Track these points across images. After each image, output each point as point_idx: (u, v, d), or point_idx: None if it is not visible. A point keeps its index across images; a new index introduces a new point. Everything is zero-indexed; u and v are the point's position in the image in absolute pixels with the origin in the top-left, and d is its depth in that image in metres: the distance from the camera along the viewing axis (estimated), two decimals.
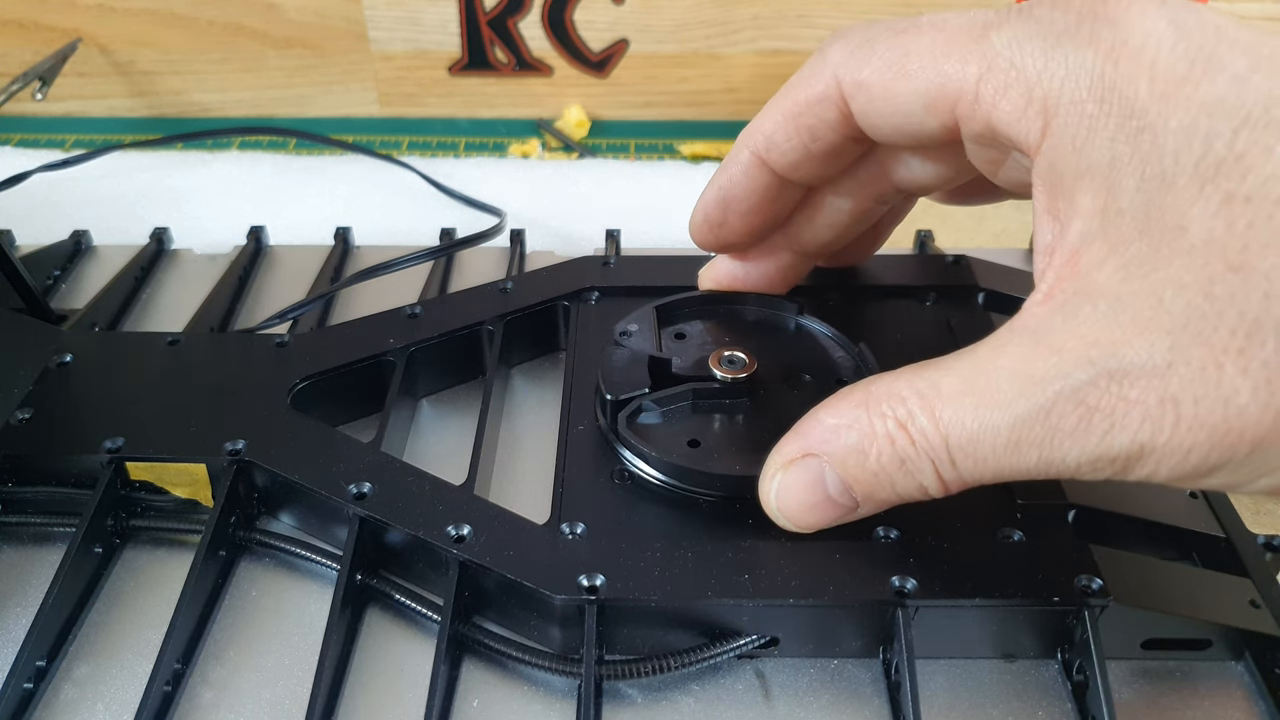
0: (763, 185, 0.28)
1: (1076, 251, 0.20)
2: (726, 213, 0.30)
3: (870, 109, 0.25)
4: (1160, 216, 0.19)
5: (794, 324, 0.33)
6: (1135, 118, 0.19)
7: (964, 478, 0.22)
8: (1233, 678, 0.27)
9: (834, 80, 0.25)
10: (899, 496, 0.23)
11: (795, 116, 0.26)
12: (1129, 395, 0.19)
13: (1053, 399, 0.20)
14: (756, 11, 0.57)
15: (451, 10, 0.58)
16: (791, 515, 0.25)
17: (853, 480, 0.23)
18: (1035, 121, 0.21)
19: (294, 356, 0.33)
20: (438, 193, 0.50)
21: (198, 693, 0.27)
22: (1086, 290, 0.20)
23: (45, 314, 0.37)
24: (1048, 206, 0.22)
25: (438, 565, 0.27)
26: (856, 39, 0.25)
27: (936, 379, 0.22)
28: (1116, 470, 0.20)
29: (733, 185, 0.29)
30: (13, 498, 0.30)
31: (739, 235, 0.30)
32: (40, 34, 0.59)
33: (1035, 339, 0.21)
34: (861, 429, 0.23)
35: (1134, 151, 0.19)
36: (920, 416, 0.22)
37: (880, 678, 0.27)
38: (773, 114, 0.27)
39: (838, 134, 0.26)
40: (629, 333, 0.32)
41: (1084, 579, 0.25)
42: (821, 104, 0.26)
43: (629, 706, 0.26)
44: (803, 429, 0.24)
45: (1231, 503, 0.29)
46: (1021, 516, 0.27)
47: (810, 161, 0.27)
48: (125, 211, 0.48)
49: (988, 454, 0.21)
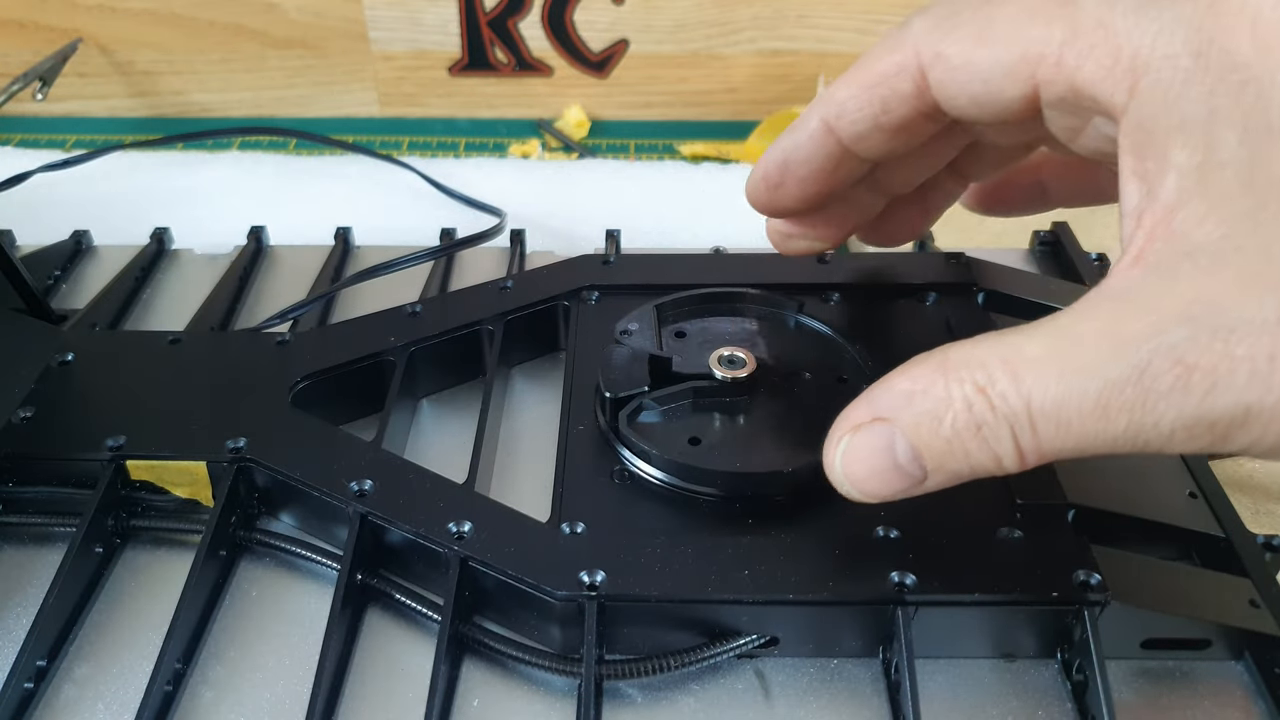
0: (826, 153, 0.28)
1: (1171, 210, 0.20)
2: (786, 175, 0.29)
3: (948, 79, 0.24)
4: (1268, 169, 0.18)
5: (794, 322, 0.33)
6: (1237, 71, 0.19)
7: (1044, 447, 0.21)
8: (1233, 678, 0.27)
9: (913, 51, 0.25)
10: (971, 468, 0.22)
11: (870, 87, 0.26)
12: (1235, 352, 0.18)
13: (1148, 358, 0.19)
14: (756, 11, 0.57)
15: (451, 10, 0.58)
16: (857, 481, 0.23)
17: (925, 447, 0.22)
18: (1123, 80, 0.20)
19: (295, 355, 0.33)
20: (438, 193, 0.50)
21: (198, 692, 0.27)
22: (1185, 249, 0.19)
23: (46, 314, 0.37)
24: (1135, 168, 0.21)
25: (438, 565, 0.27)
26: (941, 12, 0.24)
27: (1020, 344, 0.21)
28: (1216, 438, 0.19)
29: (796, 149, 0.28)
30: (13, 497, 0.30)
31: (794, 200, 0.30)
32: (40, 34, 0.59)
33: (1126, 301, 0.20)
34: (937, 394, 0.22)
35: (1236, 104, 0.19)
36: (1002, 380, 0.20)
37: (880, 677, 0.27)
38: (847, 83, 0.26)
39: (910, 107, 0.26)
40: (629, 331, 0.32)
41: (1083, 574, 0.25)
42: (898, 75, 0.25)
43: (629, 706, 0.26)
44: (873, 394, 0.23)
45: (1231, 503, 0.29)
46: (1021, 515, 0.27)
47: (878, 134, 0.27)
48: (126, 211, 0.48)
49: (1073, 419, 0.20)
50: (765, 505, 0.28)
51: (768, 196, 0.30)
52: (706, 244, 0.41)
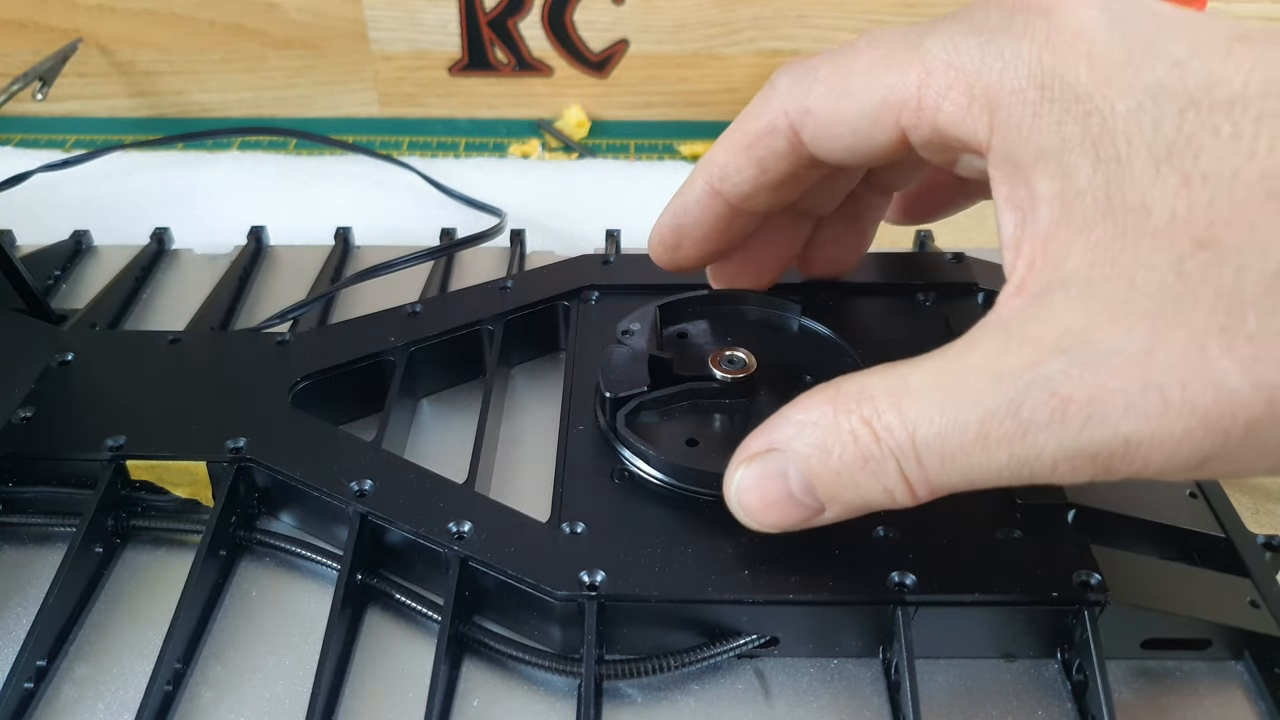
0: (715, 214, 0.29)
1: (1044, 239, 0.20)
2: (681, 238, 0.30)
3: (820, 134, 0.25)
4: (1121, 197, 0.19)
5: (796, 324, 0.33)
6: (1080, 101, 0.19)
7: (931, 480, 0.21)
8: (1233, 678, 0.27)
9: (781, 110, 0.25)
10: (864, 500, 0.22)
11: (746, 148, 0.27)
12: (1108, 384, 0.18)
13: (1024, 390, 0.19)
14: (756, 11, 0.57)
15: (451, 10, 0.58)
16: (751, 511, 0.24)
17: (816, 479, 0.22)
18: (980, 117, 0.21)
19: (295, 355, 0.33)
20: (438, 193, 0.50)
21: (198, 692, 0.27)
22: (1059, 278, 0.19)
23: (46, 314, 0.37)
24: (1008, 197, 0.21)
25: (438, 565, 0.27)
26: (799, 70, 0.25)
27: (906, 375, 0.21)
28: (1099, 468, 0.19)
29: (685, 213, 0.29)
30: (13, 498, 0.30)
31: (693, 259, 0.31)
32: (40, 34, 0.59)
33: (1007, 332, 0.20)
34: (826, 425, 0.22)
35: (1084, 132, 0.19)
36: (886, 412, 0.21)
37: (880, 677, 0.27)
38: (725, 145, 0.27)
39: (788, 163, 0.26)
40: (630, 331, 0.32)
41: (1083, 574, 0.26)
42: (770, 135, 0.26)
43: (629, 706, 0.26)
44: (770, 424, 0.24)
45: (1231, 503, 0.29)
46: (1021, 515, 0.27)
47: (762, 192, 0.28)
48: (125, 211, 0.48)
49: (955, 452, 0.20)
50: None
51: (668, 258, 0.31)
52: None
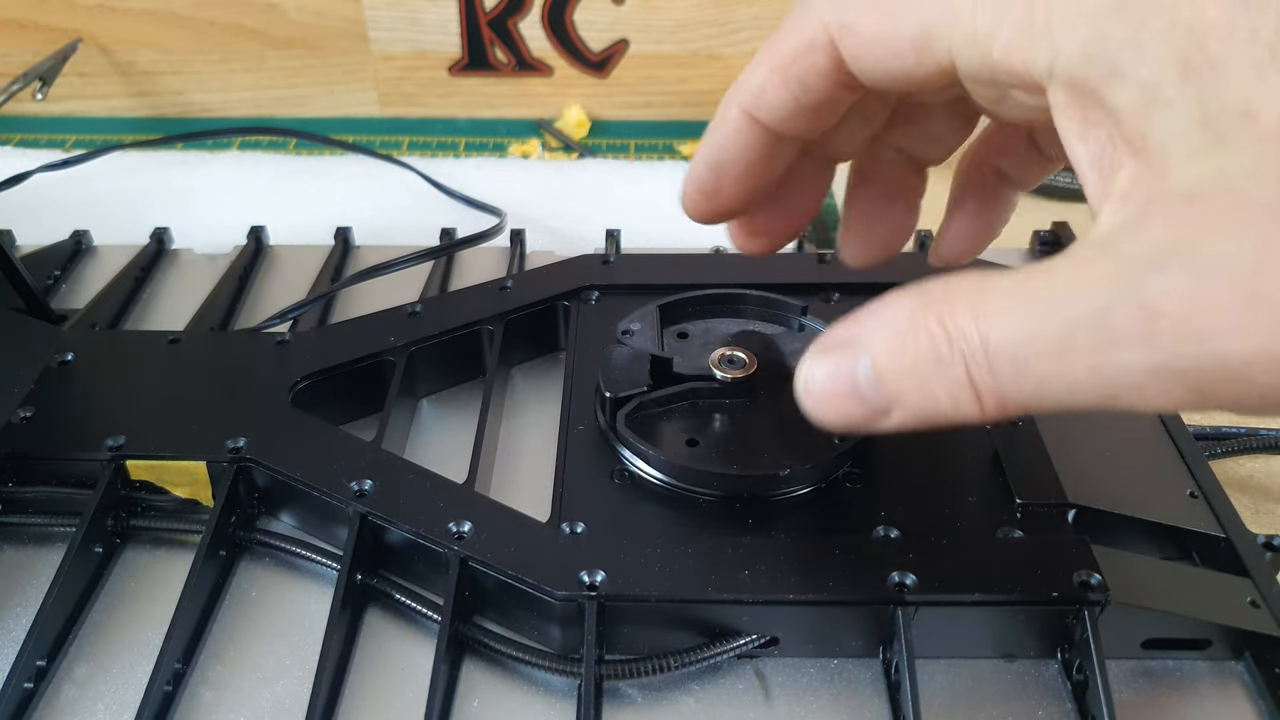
0: (755, 144, 0.26)
1: (1134, 155, 0.19)
2: (720, 178, 0.27)
3: (862, 53, 0.23)
4: (1220, 104, 0.17)
5: (797, 324, 0.33)
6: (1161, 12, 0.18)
7: (1003, 389, 0.19)
8: (1233, 678, 0.27)
9: (821, 26, 0.24)
10: (931, 406, 0.21)
11: (784, 68, 0.25)
12: (1210, 296, 0.16)
13: (1113, 300, 0.17)
14: (756, 11, 0.57)
15: (451, 10, 0.58)
16: (817, 404, 0.22)
17: (884, 376, 0.21)
18: (1042, 42, 0.19)
19: (295, 355, 0.33)
20: (438, 193, 0.50)
21: (198, 692, 0.27)
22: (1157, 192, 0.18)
23: (45, 314, 0.37)
24: (1082, 120, 0.20)
25: (438, 565, 0.27)
26: None
27: (994, 279, 0.20)
28: (1192, 390, 0.17)
29: (724, 148, 0.27)
30: (13, 498, 0.30)
31: (736, 201, 0.28)
32: (40, 34, 0.59)
33: (1102, 244, 0.19)
34: (903, 323, 0.21)
35: (1166, 42, 0.18)
36: (963, 315, 0.19)
37: (880, 678, 0.27)
38: (760, 68, 0.25)
39: (829, 82, 0.24)
40: (631, 331, 0.32)
41: (1083, 574, 0.26)
42: (811, 52, 0.24)
43: (629, 706, 0.26)
44: (854, 317, 0.22)
45: (1231, 503, 0.29)
46: (1021, 515, 0.27)
47: (802, 114, 0.25)
48: (125, 211, 0.48)
49: (1030, 359, 0.18)
50: (765, 505, 0.28)
51: (708, 205, 0.28)
52: (706, 244, 0.41)
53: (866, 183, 0.30)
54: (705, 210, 0.28)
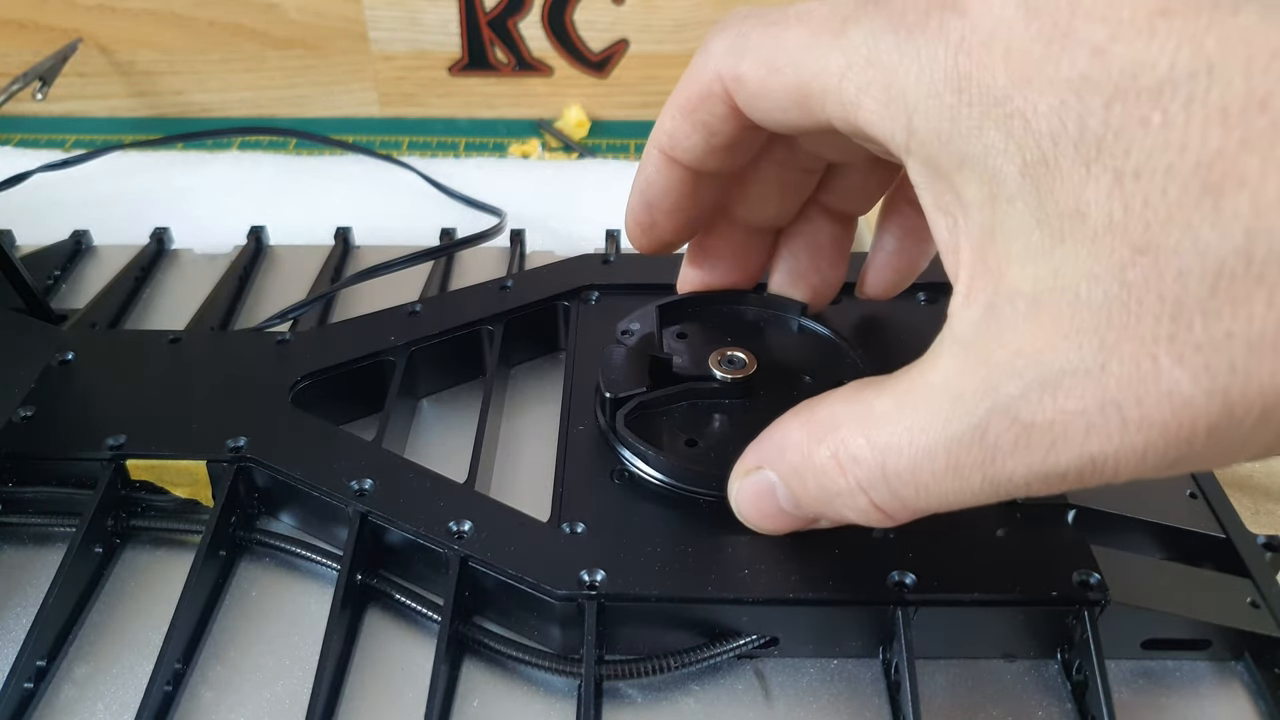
0: (678, 181, 0.28)
1: (980, 248, 0.19)
2: (653, 213, 0.29)
3: (752, 104, 0.24)
4: (1054, 203, 0.18)
5: (796, 324, 0.33)
6: (1000, 104, 0.18)
7: (907, 504, 0.21)
8: (1233, 678, 0.27)
9: (716, 75, 0.24)
10: (846, 520, 0.23)
11: (689, 113, 0.26)
12: (1066, 407, 0.18)
13: (985, 416, 0.19)
14: None
15: (451, 10, 0.58)
16: (750, 520, 0.25)
17: (799, 497, 0.23)
18: (899, 120, 0.20)
19: (295, 354, 0.33)
20: (438, 193, 0.50)
21: (198, 692, 0.27)
22: (1002, 291, 0.19)
23: (45, 314, 0.37)
24: (935, 202, 0.20)
25: (438, 565, 0.27)
26: (732, 33, 0.24)
27: (871, 401, 0.21)
28: (1072, 483, 0.19)
29: (650, 186, 0.28)
30: (13, 497, 0.30)
31: (671, 233, 0.30)
32: (40, 34, 0.59)
33: (964, 350, 0.19)
34: (801, 452, 0.22)
35: (1007, 137, 0.18)
36: (854, 442, 0.21)
37: (880, 678, 0.27)
38: (670, 111, 0.26)
39: (732, 125, 0.25)
40: (630, 331, 0.32)
41: (1083, 574, 0.26)
42: (709, 99, 0.25)
43: (629, 706, 0.26)
44: (760, 440, 0.24)
45: (1231, 503, 0.29)
46: (1021, 516, 0.27)
47: (714, 154, 0.27)
48: (125, 211, 0.48)
49: (928, 480, 0.20)
50: None
51: (647, 238, 0.30)
52: None
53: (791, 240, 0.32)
54: (645, 243, 0.30)
